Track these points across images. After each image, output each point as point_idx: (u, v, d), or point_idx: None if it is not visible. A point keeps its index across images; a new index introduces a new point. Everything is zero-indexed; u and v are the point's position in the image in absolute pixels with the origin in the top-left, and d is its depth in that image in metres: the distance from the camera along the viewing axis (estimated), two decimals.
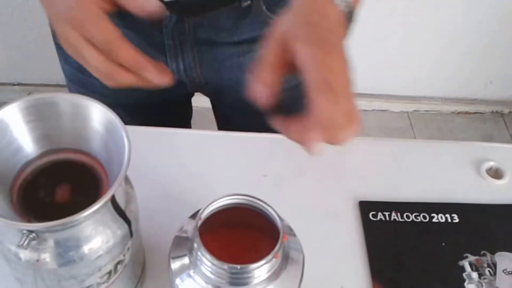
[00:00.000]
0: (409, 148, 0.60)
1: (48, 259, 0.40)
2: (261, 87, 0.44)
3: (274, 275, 0.40)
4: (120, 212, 0.43)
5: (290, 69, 0.44)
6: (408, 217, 0.59)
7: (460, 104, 1.87)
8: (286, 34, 0.44)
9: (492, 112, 1.89)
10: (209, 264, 0.39)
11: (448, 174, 0.64)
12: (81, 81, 0.75)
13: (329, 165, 0.63)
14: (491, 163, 0.65)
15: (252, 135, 0.66)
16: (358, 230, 0.58)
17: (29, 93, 1.75)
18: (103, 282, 0.44)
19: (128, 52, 0.45)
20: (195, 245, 0.40)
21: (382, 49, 1.68)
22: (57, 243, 0.40)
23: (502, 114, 1.89)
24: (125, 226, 0.43)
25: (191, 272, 0.41)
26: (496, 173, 0.64)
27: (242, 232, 0.44)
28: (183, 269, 0.41)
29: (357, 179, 0.63)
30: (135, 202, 0.45)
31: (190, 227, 0.40)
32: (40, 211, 0.42)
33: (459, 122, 1.87)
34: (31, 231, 0.38)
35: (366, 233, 0.58)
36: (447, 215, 0.60)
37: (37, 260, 0.40)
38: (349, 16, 0.48)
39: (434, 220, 0.59)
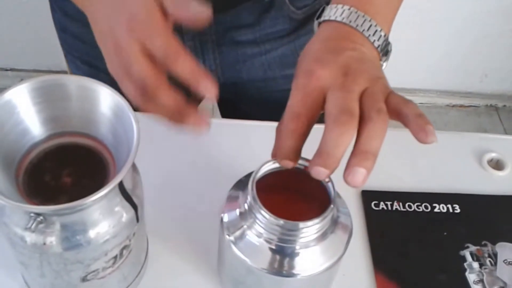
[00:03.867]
0: (411, 138, 0.60)
1: (54, 243, 0.40)
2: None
3: (322, 236, 0.41)
4: (127, 197, 0.42)
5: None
6: (410, 207, 0.59)
7: (455, 97, 1.88)
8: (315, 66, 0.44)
9: (487, 105, 1.90)
10: (263, 219, 0.40)
11: (450, 165, 0.64)
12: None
13: None
14: (493, 155, 0.65)
15: (258, 124, 0.65)
16: (360, 219, 0.58)
17: (21, 79, 1.74)
18: (109, 267, 0.44)
19: (187, 63, 0.41)
20: (251, 200, 0.40)
21: None
22: (64, 227, 0.39)
23: (496, 108, 1.90)
24: (132, 211, 0.43)
25: (244, 225, 0.41)
26: (497, 165, 0.65)
27: (291, 195, 0.45)
28: (235, 223, 0.42)
29: None
30: (141, 187, 0.45)
31: (244, 186, 0.41)
32: (45, 194, 0.41)
33: (454, 115, 1.88)
34: (38, 214, 0.38)
35: (368, 222, 0.58)
36: (449, 205, 0.60)
37: (44, 244, 0.39)
38: (384, 50, 0.50)
39: (436, 210, 0.60)
